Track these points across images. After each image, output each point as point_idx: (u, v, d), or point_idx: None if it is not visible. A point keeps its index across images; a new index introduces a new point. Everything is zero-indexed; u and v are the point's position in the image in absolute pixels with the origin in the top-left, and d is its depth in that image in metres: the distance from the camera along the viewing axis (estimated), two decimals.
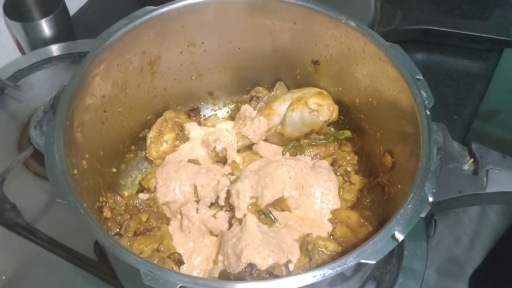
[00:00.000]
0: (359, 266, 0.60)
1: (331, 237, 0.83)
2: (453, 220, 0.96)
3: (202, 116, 1.02)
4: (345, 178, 0.90)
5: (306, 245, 0.78)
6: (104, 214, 0.82)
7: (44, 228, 0.91)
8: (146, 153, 0.95)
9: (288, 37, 0.89)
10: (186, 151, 0.95)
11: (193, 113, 1.00)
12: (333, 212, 0.87)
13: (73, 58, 1.17)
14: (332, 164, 0.93)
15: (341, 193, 0.89)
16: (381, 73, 0.80)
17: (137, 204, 0.90)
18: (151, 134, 0.94)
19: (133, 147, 0.95)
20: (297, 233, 0.82)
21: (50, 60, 1.17)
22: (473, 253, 0.93)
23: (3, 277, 0.88)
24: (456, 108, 1.12)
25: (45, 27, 1.17)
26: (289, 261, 0.77)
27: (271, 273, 0.72)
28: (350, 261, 0.58)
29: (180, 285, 0.56)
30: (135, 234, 0.84)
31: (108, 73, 0.81)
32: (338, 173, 0.91)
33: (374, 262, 0.58)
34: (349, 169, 0.91)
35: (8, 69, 1.15)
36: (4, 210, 0.92)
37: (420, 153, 0.67)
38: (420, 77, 0.74)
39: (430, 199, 0.63)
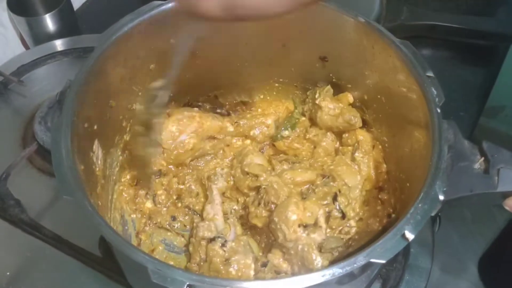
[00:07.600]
0: (367, 265, 0.59)
1: None
2: (456, 216, 0.95)
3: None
4: None
5: None
6: None
7: (49, 224, 0.91)
8: None
9: (295, 33, 0.88)
10: None
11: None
12: None
13: (78, 53, 1.16)
14: None
15: None
16: (391, 70, 0.79)
17: None
18: None
19: None
20: None
21: (54, 55, 1.16)
22: (477, 250, 0.92)
23: (7, 273, 0.87)
24: (463, 105, 1.12)
25: (49, 22, 1.16)
26: None
27: None
28: (359, 260, 0.57)
29: (188, 283, 0.55)
30: None
31: (115, 68, 0.80)
32: None
33: (384, 261, 0.57)
34: None
35: (12, 64, 1.15)
36: (8, 206, 0.91)
37: (430, 151, 0.66)
38: (431, 74, 0.73)
39: (441, 197, 0.62)
